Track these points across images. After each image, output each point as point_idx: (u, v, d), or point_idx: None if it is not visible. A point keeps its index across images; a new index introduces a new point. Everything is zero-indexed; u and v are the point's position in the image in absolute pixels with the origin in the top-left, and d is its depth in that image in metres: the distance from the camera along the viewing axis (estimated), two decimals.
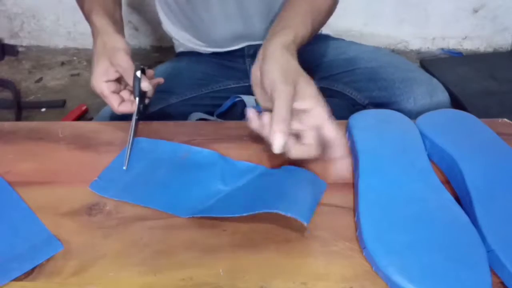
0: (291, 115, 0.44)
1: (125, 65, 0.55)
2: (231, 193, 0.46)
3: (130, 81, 0.55)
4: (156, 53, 1.90)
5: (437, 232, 0.39)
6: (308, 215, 0.41)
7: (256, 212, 0.40)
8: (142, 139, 0.55)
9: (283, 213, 0.39)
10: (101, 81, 0.56)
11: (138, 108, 0.56)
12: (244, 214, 0.41)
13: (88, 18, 0.63)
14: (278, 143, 0.42)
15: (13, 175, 0.50)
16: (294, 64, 0.49)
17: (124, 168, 0.50)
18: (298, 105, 0.46)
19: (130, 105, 0.56)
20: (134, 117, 0.55)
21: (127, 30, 1.86)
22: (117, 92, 0.57)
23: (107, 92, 0.56)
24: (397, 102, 0.69)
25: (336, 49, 0.83)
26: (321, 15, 0.65)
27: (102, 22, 0.60)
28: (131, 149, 0.52)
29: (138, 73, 0.55)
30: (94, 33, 0.60)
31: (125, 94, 0.58)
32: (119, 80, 0.58)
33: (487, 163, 0.46)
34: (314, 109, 0.46)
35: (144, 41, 1.93)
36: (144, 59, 1.84)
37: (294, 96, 0.45)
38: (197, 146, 0.54)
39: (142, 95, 0.56)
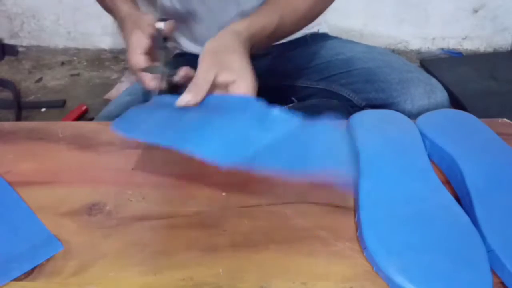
0: (207, 82, 0.49)
1: (152, 22, 0.55)
2: (271, 147, 0.43)
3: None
4: None
5: (438, 232, 0.39)
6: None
7: (300, 172, 0.39)
8: (164, 96, 0.53)
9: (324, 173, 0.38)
10: (137, 53, 0.55)
11: (165, 62, 0.55)
12: (287, 173, 0.39)
13: (112, 7, 0.65)
14: (182, 99, 0.48)
15: (13, 175, 0.50)
16: (229, 42, 0.52)
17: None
18: (223, 77, 0.49)
19: (160, 81, 0.56)
20: (161, 68, 0.54)
21: None
22: None
23: (144, 65, 0.55)
24: (394, 103, 0.69)
25: (333, 49, 0.82)
26: (297, 14, 0.65)
27: (127, 6, 0.61)
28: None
29: (158, 24, 0.54)
30: (121, 18, 0.61)
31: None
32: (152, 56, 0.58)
33: (487, 163, 0.46)
34: (236, 82, 0.49)
35: None
36: None
37: (215, 67, 0.49)
38: None
39: (165, 45, 0.55)
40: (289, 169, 0.40)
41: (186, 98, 0.48)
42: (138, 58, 0.55)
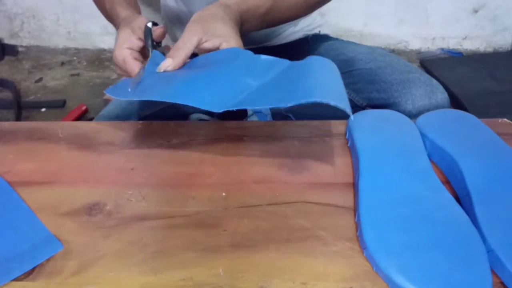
0: (188, 46, 0.51)
1: (144, 25, 0.56)
2: (262, 87, 0.45)
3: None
4: None
5: (438, 232, 0.39)
6: (346, 100, 0.41)
7: (294, 104, 0.40)
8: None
9: (320, 100, 0.39)
10: (123, 48, 0.55)
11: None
12: (281, 106, 0.40)
13: (111, 12, 0.65)
14: (163, 64, 0.51)
15: (13, 175, 0.50)
16: (215, 12, 0.54)
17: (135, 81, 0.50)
18: (210, 44, 0.51)
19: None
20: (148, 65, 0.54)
21: None
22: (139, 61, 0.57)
23: (129, 58, 0.54)
24: (395, 103, 0.69)
25: (334, 50, 0.83)
26: None
27: (127, 11, 0.62)
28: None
29: (149, 24, 0.55)
30: (119, 23, 0.61)
31: None
32: (141, 55, 0.57)
33: (487, 163, 0.46)
34: (222, 45, 0.51)
35: None
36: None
37: (199, 33, 0.51)
38: (197, 146, 0.54)
39: (155, 46, 0.55)
40: (281, 101, 0.41)
41: (165, 64, 0.50)
42: (125, 52, 0.55)
